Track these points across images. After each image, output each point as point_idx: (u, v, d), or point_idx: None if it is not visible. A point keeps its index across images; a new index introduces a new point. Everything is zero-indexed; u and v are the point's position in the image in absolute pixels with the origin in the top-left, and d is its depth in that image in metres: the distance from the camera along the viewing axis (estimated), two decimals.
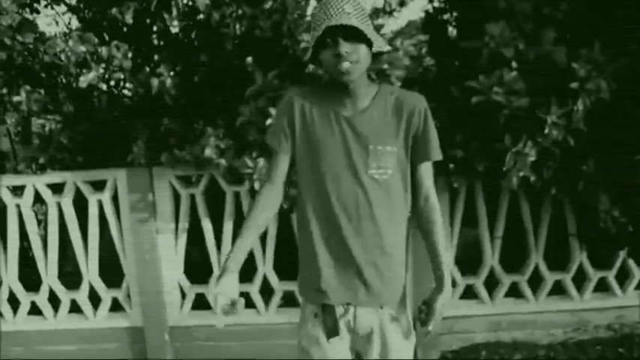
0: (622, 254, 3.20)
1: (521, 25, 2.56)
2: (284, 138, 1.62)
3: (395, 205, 1.60)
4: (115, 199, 3.21)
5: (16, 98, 3.05)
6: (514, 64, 2.50)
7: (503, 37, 2.47)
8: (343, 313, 1.62)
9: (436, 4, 4.48)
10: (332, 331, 1.61)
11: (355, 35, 1.45)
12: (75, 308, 3.37)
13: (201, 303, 3.28)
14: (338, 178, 1.56)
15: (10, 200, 3.25)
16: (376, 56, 1.59)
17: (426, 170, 1.64)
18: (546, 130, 2.42)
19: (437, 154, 1.63)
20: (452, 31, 4.19)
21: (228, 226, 3.15)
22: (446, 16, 4.30)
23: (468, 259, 3.33)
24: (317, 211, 1.59)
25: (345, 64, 1.47)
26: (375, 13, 3.62)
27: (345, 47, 1.45)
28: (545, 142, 2.47)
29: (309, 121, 1.59)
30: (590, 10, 2.74)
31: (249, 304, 3.25)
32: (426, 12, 4.39)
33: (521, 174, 2.55)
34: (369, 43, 1.49)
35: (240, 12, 2.74)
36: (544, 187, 2.72)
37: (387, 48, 1.60)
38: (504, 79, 2.41)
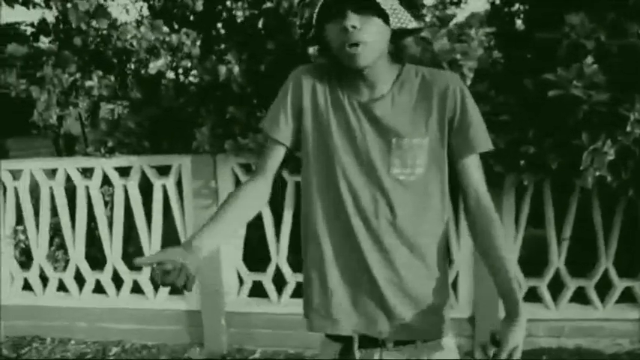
0: None
1: (602, 15, 2.42)
2: (284, 124, 1.32)
3: (428, 211, 1.29)
4: (179, 184, 3.28)
5: (88, 83, 3.16)
6: (593, 57, 2.37)
7: (583, 28, 2.34)
8: (366, 356, 1.32)
9: None
10: None
11: (368, 6, 1.16)
12: (136, 289, 3.47)
13: (259, 290, 3.31)
14: (354, 178, 1.27)
15: (79, 182, 3.37)
16: (402, 35, 1.26)
17: (473, 164, 1.29)
18: (628, 128, 2.28)
19: (484, 144, 1.29)
20: (519, 23, 4.07)
21: (288, 215, 3.16)
22: (513, 8, 4.17)
23: (533, 261, 3.21)
24: (327, 219, 1.31)
25: (353, 49, 1.17)
26: (442, 3, 3.54)
27: (352, 20, 1.15)
28: (626, 141, 2.33)
29: (321, 107, 1.30)
30: None
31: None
32: (492, 4, 4.28)
33: (597, 173, 2.41)
34: (386, 20, 1.19)
35: (307, 0, 2.73)
36: (621, 188, 2.57)
37: (414, 25, 1.26)
38: (584, 72, 2.28)
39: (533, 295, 3.16)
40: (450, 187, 1.34)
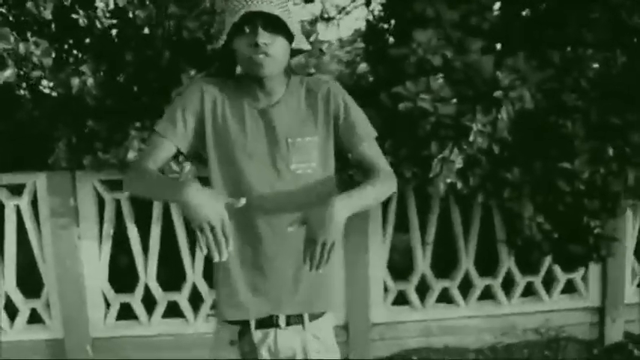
0: (548, 260, 3.30)
1: (448, 33, 2.60)
2: (182, 129, 1.43)
3: (321, 200, 1.40)
4: (34, 204, 3.04)
5: None
6: (441, 72, 2.53)
7: (430, 45, 2.50)
8: (262, 337, 1.49)
9: (376, 13, 4.55)
10: (250, 358, 1.48)
11: (276, 26, 1.33)
12: None
13: (126, 313, 3.15)
14: (257, 177, 1.42)
15: None
16: (295, 53, 1.47)
17: (370, 149, 1.48)
18: (471, 138, 2.46)
19: (370, 131, 1.49)
20: (390, 39, 4.26)
21: (155, 232, 3.04)
22: (386, 25, 4.36)
23: (400, 265, 3.35)
24: (232, 217, 1.36)
25: (261, 57, 1.33)
26: (314, 20, 3.62)
27: (263, 37, 1.31)
28: (471, 150, 2.51)
29: (220, 116, 1.44)
30: (517, 22, 2.82)
31: (178, 313, 3.14)
32: (367, 21, 4.45)
33: (448, 180, 2.57)
34: (290, 38, 1.37)
35: (168, 11, 2.66)
36: (471, 193, 2.76)
37: (308, 47, 1.48)
38: (431, 87, 2.43)
39: (401, 299, 3.30)
40: None
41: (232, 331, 1.49)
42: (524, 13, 3.24)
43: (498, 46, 3.00)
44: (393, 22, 4.25)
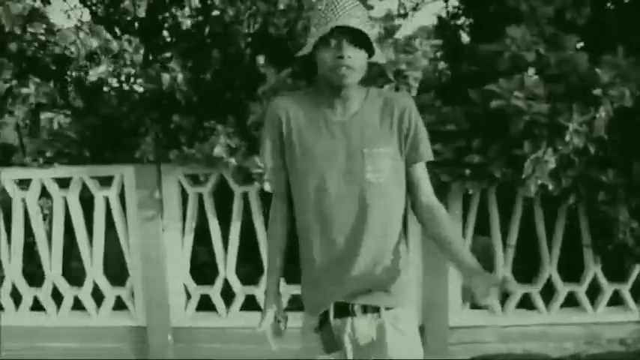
0: (637, 267, 3.12)
1: (542, 29, 2.49)
2: (278, 155, 1.59)
3: (392, 206, 1.57)
4: (122, 195, 3.16)
5: (24, 90, 3.00)
6: (533, 69, 2.42)
7: (524, 41, 2.40)
8: (341, 325, 1.58)
9: (450, 9, 4.45)
10: (330, 346, 1.58)
11: (358, 41, 1.43)
12: (78, 305, 3.32)
13: (205, 304, 3.22)
14: (333, 184, 1.52)
15: (15, 194, 3.20)
16: (370, 66, 1.56)
17: (422, 171, 1.60)
18: (567, 138, 2.35)
19: (429, 155, 1.59)
20: (464, 35, 4.15)
21: (235, 227, 3.09)
22: (459, 21, 4.26)
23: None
24: (313, 219, 1.55)
25: (344, 69, 1.43)
26: (389, 16, 3.58)
27: (348, 51, 1.42)
28: (566, 150, 2.40)
29: (296, 129, 1.55)
30: (614, 16, 2.67)
31: (255, 306, 3.18)
32: (439, 17, 4.36)
33: (539, 182, 2.47)
34: (369, 52, 1.48)
35: (254, 9, 2.69)
36: (562, 195, 2.64)
37: (383, 61, 1.62)
38: (525, 84, 2.33)
39: None
40: None
41: (314, 321, 1.60)
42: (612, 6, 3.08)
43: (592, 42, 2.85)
44: (469, 18, 4.15)
